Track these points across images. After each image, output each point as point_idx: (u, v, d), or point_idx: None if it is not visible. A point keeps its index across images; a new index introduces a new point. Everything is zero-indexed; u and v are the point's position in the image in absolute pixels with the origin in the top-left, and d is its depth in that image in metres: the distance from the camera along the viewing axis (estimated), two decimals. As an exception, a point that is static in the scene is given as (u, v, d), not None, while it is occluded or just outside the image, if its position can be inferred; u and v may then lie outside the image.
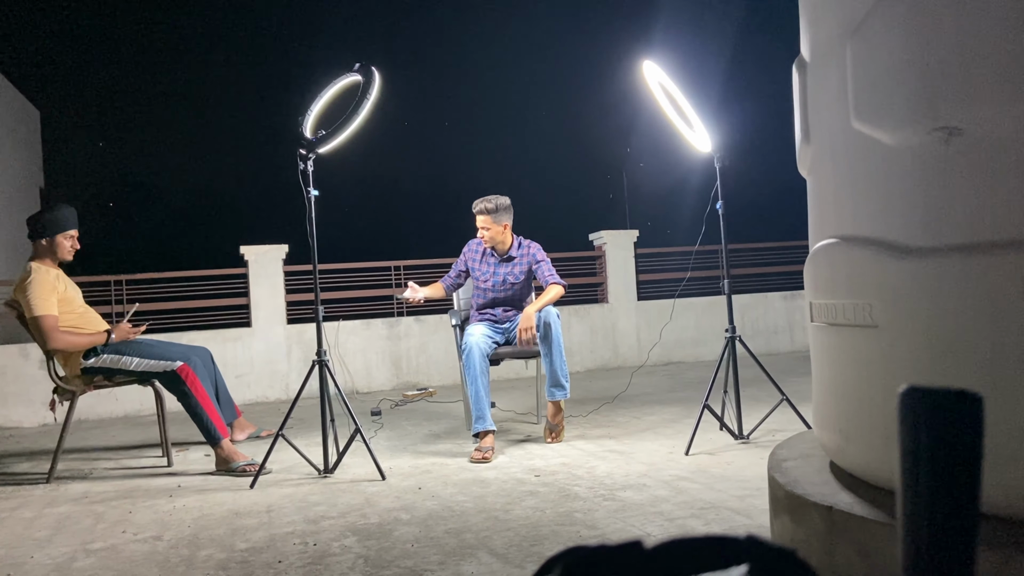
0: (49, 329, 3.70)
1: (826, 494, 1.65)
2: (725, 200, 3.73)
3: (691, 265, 4.72)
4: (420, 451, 3.98)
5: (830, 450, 1.85)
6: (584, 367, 7.40)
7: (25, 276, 3.79)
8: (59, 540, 2.72)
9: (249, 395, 6.49)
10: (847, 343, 1.73)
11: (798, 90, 1.98)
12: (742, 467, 3.20)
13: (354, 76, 3.65)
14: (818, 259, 1.87)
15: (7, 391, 6.05)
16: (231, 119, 20.58)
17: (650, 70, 3.61)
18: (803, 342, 8.04)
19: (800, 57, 2.01)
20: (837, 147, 1.77)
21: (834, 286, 1.77)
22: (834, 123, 1.77)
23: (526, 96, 20.63)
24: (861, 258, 1.66)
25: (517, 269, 4.24)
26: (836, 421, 1.79)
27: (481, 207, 4.17)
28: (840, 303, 1.74)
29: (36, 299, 3.71)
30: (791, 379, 4.99)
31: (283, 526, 2.73)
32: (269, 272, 6.84)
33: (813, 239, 1.96)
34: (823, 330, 1.86)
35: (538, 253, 4.25)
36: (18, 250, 11.43)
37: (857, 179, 1.70)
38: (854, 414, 1.72)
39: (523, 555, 2.27)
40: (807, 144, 1.94)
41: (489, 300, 4.27)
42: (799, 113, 1.98)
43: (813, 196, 1.96)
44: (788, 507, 1.70)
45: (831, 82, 1.78)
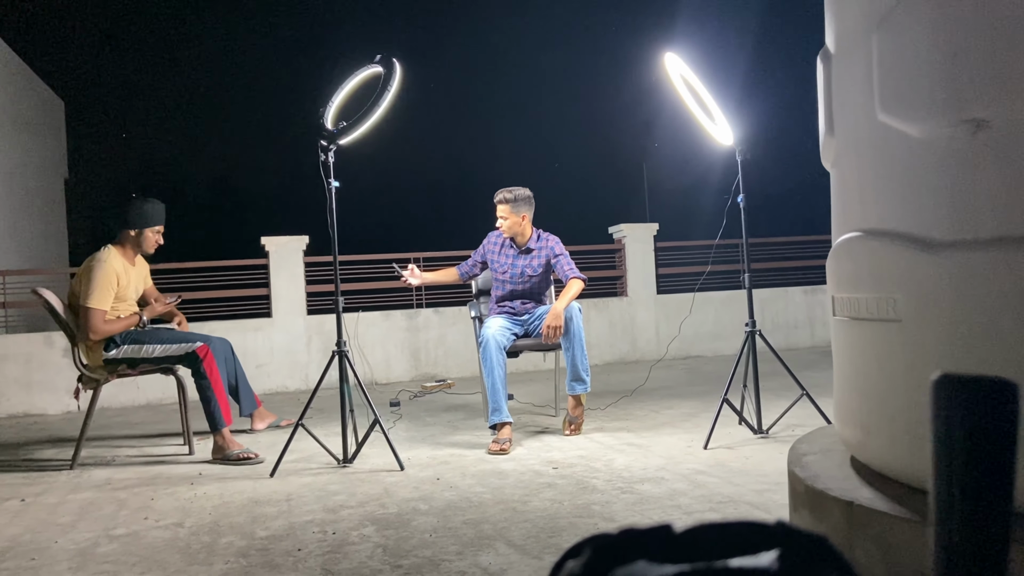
0: (94, 321, 3.78)
1: (847, 489, 1.64)
2: (746, 194, 3.70)
3: (711, 259, 4.69)
4: (438, 442, 4.00)
5: (851, 445, 1.84)
6: (602, 360, 7.39)
7: (95, 261, 3.86)
8: (82, 526, 2.76)
9: (269, 385, 6.54)
10: (870, 337, 1.71)
11: (822, 82, 1.96)
12: (761, 462, 3.19)
13: (375, 68, 3.65)
14: (841, 253, 1.85)
15: (32, 379, 6.14)
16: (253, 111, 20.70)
17: (672, 62, 3.59)
18: (823, 337, 7.98)
19: (824, 48, 1.99)
20: (862, 139, 1.75)
21: (857, 280, 1.75)
22: (859, 115, 1.75)
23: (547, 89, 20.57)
24: (885, 252, 1.64)
25: (535, 262, 4.23)
26: (858, 416, 1.78)
27: (500, 196, 4.17)
28: (863, 297, 1.72)
29: (95, 289, 3.79)
30: (811, 374, 4.96)
31: (302, 515, 2.75)
32: (289, 263, 6.89)
33: (836, 233, 1.94)
34: (845, 324, 1.84)
35: (556, 246, 4.24)
36: (45, 238, 11.58)
37: (882, 172, 1.68)
38: (876, 409, 1.70)
39: (541, 546, 2.27)
40: (831, 137, 1.92)
41: (507, 292, 4.27)
42: (823, 105, 1.96)
43: (837, 189, 1.94)
44: (808, 502, 1.70)
45: (856, 74, 1.76)
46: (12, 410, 6.08)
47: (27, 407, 6.12)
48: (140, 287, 4.12)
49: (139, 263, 4.12)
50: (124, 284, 3.93)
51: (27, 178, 11.20)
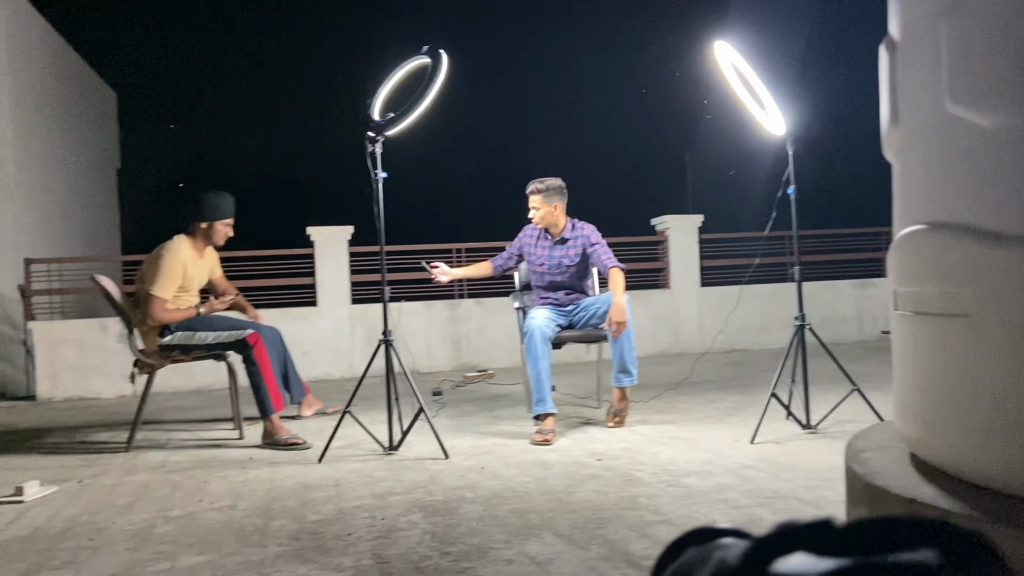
0: (155, 309, 3.87)
1: (907, 486, 1.61)
2: (796, 185, 3.64)
3: (760, 251, 4.62)
4: (481, 432, 4.02)
5: (911, 441, 1.80)
6: (644, 353, 7.35)
7: (164, 250, 3.96)
8: (139, 507, 2.83)
9: (314, 372, 6.63)
10: (934, 332, 1.68)
11: (886, 71, 1.91)
12: (810, 457, 3.15)
13: (422, 58, 3.67)
14: (904, 246, 1.81)
15: (87, 363, 6.31)
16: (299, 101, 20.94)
17: (722, 50, 3.54)
18: (872, 331, 7.83)
19: (888, 37, 1.94)
20: (928, 130, 1.71)
21: (922, 274, 1.71)
22: (925, 105, 1.71)
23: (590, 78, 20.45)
24: (952, 245, 1.60)
25: (572, 251, 4.20)
26: (919, 412, 1.74)
27: (532, 187, 4.16)
28: (928, 291, 1.68)
29: (160, 278, 3.88)
30: (860, 369, 4.87)
31: (351, 500, 2.79)
32: (334, 253, 6.96)
33: (899, 225, 1.90)
34: (908, 319, 1.80)
35: (592, 235, 4.19)
36: (96, 227, 11.88)
37: (949, 163, 1.63)
38: (939, 405, 1.66)
39: (588, 537, 2.27)
40: (895, 127, 1.87)
41: (547, 283, 4.25)
42: (887, 95, 1.91)
43: (900, 181, 1.90)
44: (867, 499, 1.67)
45: (923, 63, 1.72)
46: (68, 393, 6.25)
47: (82, 391, 6.29)
48: (205, 279, 4.22)
49: (208, 254, 4.21)
50: (190, 275, 4.02)
51: (82, 168, 11.49)
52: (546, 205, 4.13)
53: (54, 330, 6.35)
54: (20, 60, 9.33)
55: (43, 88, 10.14)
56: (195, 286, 4.11)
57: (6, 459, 3.84)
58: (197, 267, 4.10)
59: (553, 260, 4.21)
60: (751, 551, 0.36)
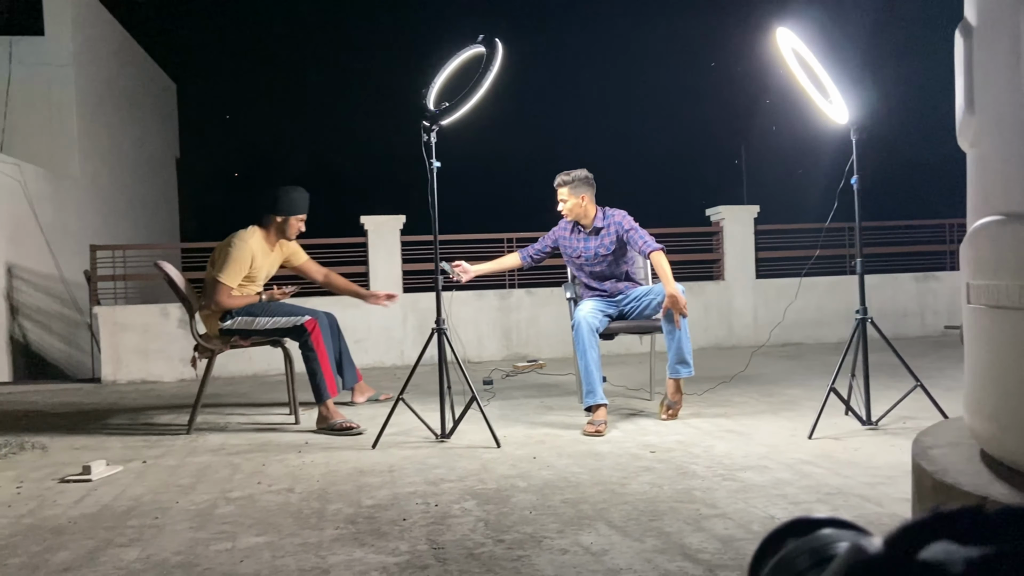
0: (219, 294, 3.98)
1: (979, 484, 1.56)
2: (859, 175, 3.54)
3: (820, 243, 4.52)
4: (533, 421, 4.02)
5: (982, 439, 1.74)
6: (696, 345, 7.23)
7: (236, 239, 4.08)
8: (201, 488, 2.91)
9: (366, 360, 6.71)
10: (1010, 327, 1.61)
11: (962, 57, 1.84)
12: (871, 454, 3.07)
13: (477, 48, 3.66)
14: (979, 238, 1.75)
15: (149, 348, 6.49)
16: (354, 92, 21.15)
17: (784, 37, 3.46)
18: (935, 326, 7.61)
19: (964, 21, 1.87)
20: (1007, 118, 1.64)
21: (997, 266, 1.65)
22: (1004, 92, 1.64)
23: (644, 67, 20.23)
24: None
25: (607, 240, 4.15)
26: (992, 408, 1.68)
27: (558, 180, 4.12)
28: (1004, 284, 1.62)
29: (228, 265, 4.00)
30: (922, 365, 4.74)
31: (405, 486, 2.82)
32: (387, 241, 7.03)
33: (973, 216, 1.83)
34: (982, 312, 1.74)
35: (625, 221, 4.13)
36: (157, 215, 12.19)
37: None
38: (1014, 402, 1.61)
39: (642, 529, 2.26)
40: (971, 114, 1.81)
41: (589, 275, 4.23)
42: (963, 82, 1.84)
43: (976, 170, 1.83)
44: (936, 496, 1.62)
45: (1002, 48, 1.65)
46: (130, 376, 6.44)
47: (144, 374, 6.48)
48: (274, 270, 4.32)
49: (283, 247, 4.30)
50: (257, 266, 4.11)
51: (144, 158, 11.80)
52: (573, 196, 4.10)
53: (117, 315, 6.55)
54: (85, 53, 9.61)
55: (107, 80, 10.43)
56: (262, 276, 4.20)
57: (74, 439, 3.97)
58: (266, 259, 4.19)
59: (589, 251, 4.18)
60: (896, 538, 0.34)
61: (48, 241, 7.74)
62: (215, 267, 4.03)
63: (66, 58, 9.10)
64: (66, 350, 7.79)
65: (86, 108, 9.51)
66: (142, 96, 11.95)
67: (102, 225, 9.60)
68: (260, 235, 4.16)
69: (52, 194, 8.23)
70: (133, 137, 11.32)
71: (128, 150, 11.04)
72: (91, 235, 8.62)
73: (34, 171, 7.77)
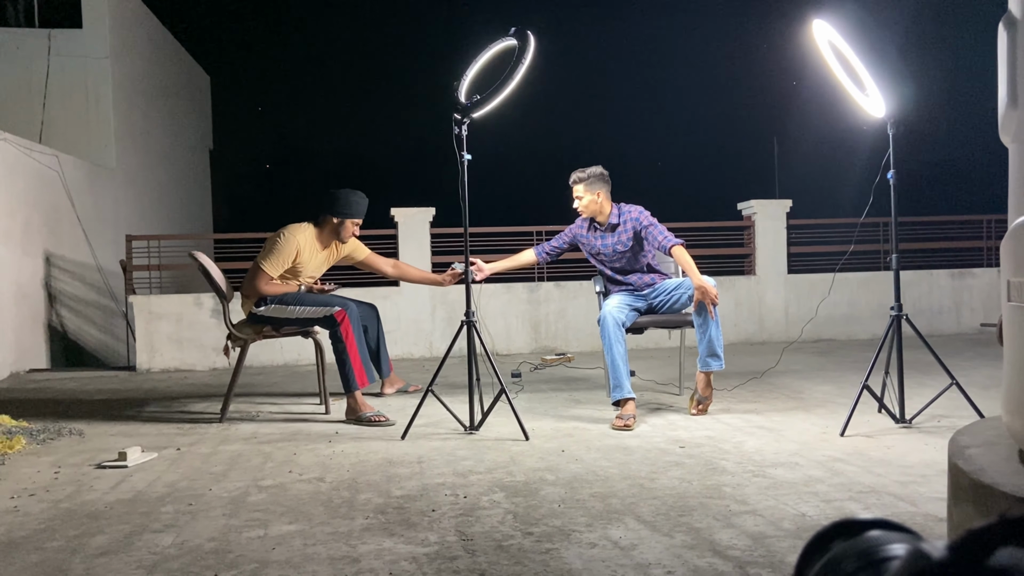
0: (258, 280, 4.05)
1: (1019, 485, 1.53)
2: (896, 170, 3.49)
3: (855, 238, 4.46)
4: (561, 415, 4.02)
5: (1021, 438, 1.71)
6: (727, 340, 7.14)
7: (286, 230, 4.15)
8: (233, 475, 2.95)
9: (396, 351, 6.75)
10: (1052, 325, 1.58)
11: (1006, 50, 1.80)
12: (904, 452, 3.03)
13: (509, 40, 3.66)
14: (1021, 234, 1.71)
15: (182, 336, 6.59)
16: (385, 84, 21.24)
17: (820, 29, 3.41)
18: (971, 324, 7.48)
19: (1008, 14, 1.82)
20: (1051, 111, 1.61)
21: (1039, 263, 1.62)
22: (1049, 84, 1.61)
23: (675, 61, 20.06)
24: (1075, 233, 1.51)
25: (624, 236, 4.13)
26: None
27: (574, 177, 4.10)
28: (1046, 282, 1.59)
29: (272, 255, 4.08)
30: (957, 362, 4.66)
31: (434, 477, 2.84)
32: (417, 234, 7.06)
33: (1015, 212, 1.80)
34: (1022, 311, 1.71)
35: (642, 216, 4.10)
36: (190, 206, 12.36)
37: (1075, 146, 1.53)
38: (1055, 403, 1.57)
39: (671, 524, 2.25)
40: (1014, 109, 1.77)
41: (611, 272, 4.21)
42: (1006, 75, 1.80)
43: (1018, 166, 1.79)
44: (974, 496, 1.59)
45: (1047, 39, 1.61)
46: (164, 365, 6.55)
47: (178, 363, 6.58)
48: (322, 270, 4.38)
49: (340, 247, 4.35)
50: (303, 261, 4.16)
51: (178, 149, 11.96)
52: (589, 193, 4.08)
53: (152, 304, 6.65)
54: (122, 46, 9.75)
55: (143, 72, 10.58)
56: (307, 272, 4.23)
57: (110, 425, 4.05)
58: (314, 257, 4.23)
59: (608, 248, 4.16)
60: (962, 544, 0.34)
61: (85, 231, 7.88)
62: (261, 253, 4.10)
63: (104, 51, 9.24)
64: (102, 338, 7.94)
65: (123, 100, 9.66)
66: (177, 88, 12.10)
67: (137, 215, 9.75)
68: (311, 232, 4.21)
69: (89, 185, 8.38)
70: (168, 129, 11.48)
71: (163, 141, 11.20)
72: (127, 225, 8.77)
73: (72, 162, 7.91)
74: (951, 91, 12.72)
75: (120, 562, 2.06)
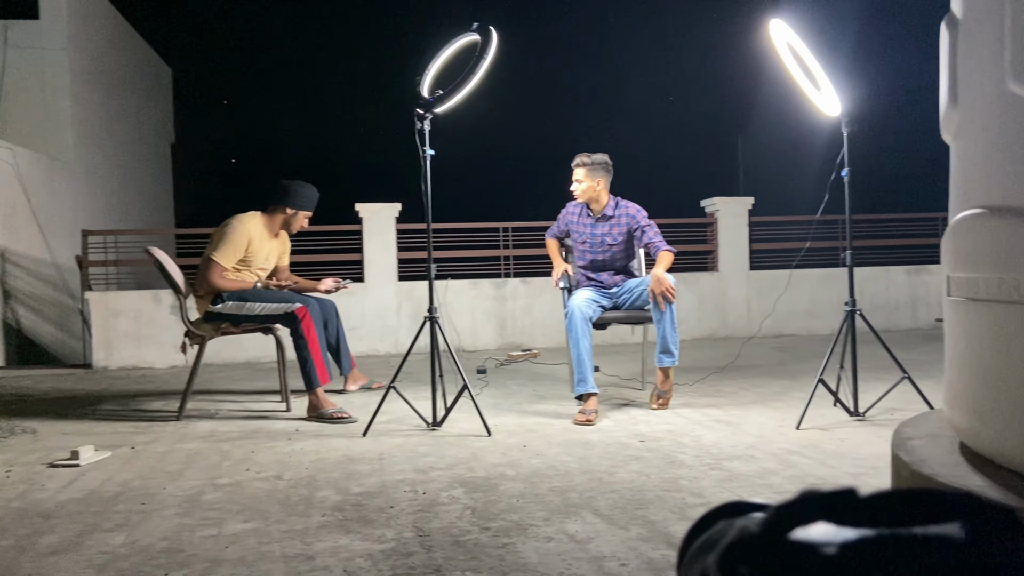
0: (212, 274, 4.00)
1: (957, 476, 1.57)
2: (851, 168, 3.55)
3: (811, 235, 4.54)
4: (524, 410, 4.03)
5: (961, 431, 1.76)
6: (691, 336, 7.29)
7: (235, 220, 4.11)
8: (189, 474, 2.92)
9: (360, 348, 6.72)
10: (989, 319, 1.63)
11: (946, 50, 1.84)
12: (857, 444, 3.09)
13: (472, 36, 3.65)
14: (960, 230, 1.75)
15: (141, 334, 6.49)
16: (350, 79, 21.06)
17: (777, 29, 3.46)
18: (926, 319, 7.64)
19: (950, 14, 1.87)
20: (989, 110, 1.65)
21: (977, 259, 1.66)
22: (987, 85, 1.65)
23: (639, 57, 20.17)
24: (1010, 230, 1.55)
25: (615, 230, 4.16)
26: (971, 401, 1.70)
27: (578, 160, 4.13)
28: (983, 277, 1.63)
29: (223, 245, 4.03)
30: (912, 357, 4.76)
31: (394, 473, 2.83)
32: (382, 229, 7.03)
33: (955, 209, 1.84)
34: (962, 305, 1.75)
35: (640, 216, 4.16)
36: (151, 201, 12.16)
37: (1010, 145, 1.57)
38: (992, 394, 1.62)
39: (628, 518, 2.27)
40: (954, 107, 1.81)
41: (589, 262, 4.23)
42: (946, 74, 1.85)
43: (958, 163, 1.84)
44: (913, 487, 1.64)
45: (985, 41, 1.65)
46: (123, 363, 6.45)
47: (136, 360, 6.48)
48: (272, 260, 4.32)
49: (282, 238, 4.33)
50: (254, 250, 4.12)
51: (138, 143, 11.75)
52: (589, 179, 4.11)
53: (110, 300, 6.54)
54: (80, 37, 9.55)
55: (102, 64, 10.37)
56: (258, 262, 4.19)
57: (63, 424, 3.98)
58: (264, 245, 4.19)
59: (595, 237, 4.18)
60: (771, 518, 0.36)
61: (41, 226, 7.72)
62: (210, 246, 4.05)
63: (61, 42, 9.05)
64: (58, 335, 7.79)
65: (80, 93, 9.47)
66: (137, 81, 11.89)
67: (95, 210, 9.57)
68: (260, 221, 4.17)
69: (45, 179, 8.20)
70: (127, 122, 11.28)
71: (122, 135, 10.99)
72: (84, 220, 8.60)
73: (27, 155, 7.74)
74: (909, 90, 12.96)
75: (70, 561, 2.03)
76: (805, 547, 0.34)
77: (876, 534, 0.34)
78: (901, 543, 0.34)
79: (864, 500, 0.36)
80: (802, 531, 0.35)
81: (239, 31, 20.83)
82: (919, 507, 0.36)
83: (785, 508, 0.36)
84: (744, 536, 0.36)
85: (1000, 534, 0.34)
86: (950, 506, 0.36)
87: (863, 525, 0.35)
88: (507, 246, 7.28)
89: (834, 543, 0.34)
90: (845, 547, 0.34)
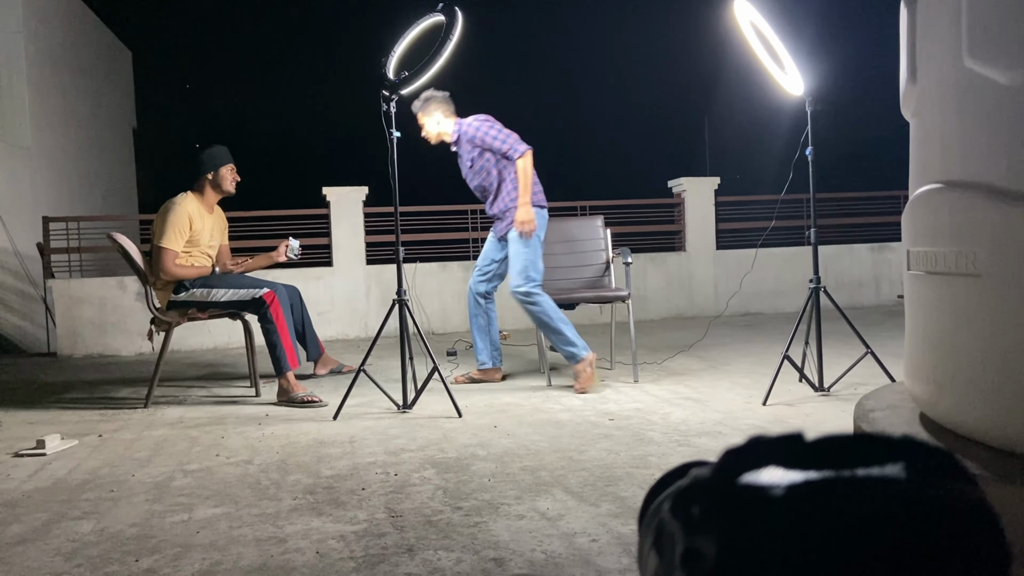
0: (165, 261, 3.96)
1: (915, 446, 1.61)
2: (814, 147, 3.60)
3: (776, 214, 4.59)
4: (494, 391, 4.05)
5: (921, 401, 1.80)
6: (659, 316, 7.35)
7: (170, 204, 4.07)
8: (158, 461, 2.89)
9: (330, 332, 6.69)
10: (946, 292, 1.67)
11: (905, 27, 1.87)
12: (822, 419, 3.16)
13: (437, 16, 3.63)
14: (919, 205, 1.79)
15: (106, 321, 6.39)
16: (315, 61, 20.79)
17: (741, 8, 3.48)
18: (889, 296, 7.79)
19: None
20: (946, 87, 1.68)
21: (935, 233, 1.70)
22: (944, 61, 1.68)
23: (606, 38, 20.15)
24: (967, 204, 1.59)
25: (465, 150, 4.11)
26: (930, 372, 1.74)
27: (412, 107, 4.09)
28: (941, 251, 1.67)
29: (167, 230, 3.99)
30: (876, 333, 4.85)
31: (365, 456, 2.83)
32: (350, 213, 6.97)
33: (914, 185, 1.88)
34: (920, 279, 1.79)
35: (479, 133, 4.02)
36: (114, 186, 11.93)
37: (967, 120, 1.61)
38: (950, 365, 1.66)
39: (598, 494, 2.30)
40: (913, 84, 1.84)
41: (476, 191, 4.22)
42: (905, 51, 1.88)
43: (917, 139, 1.87)
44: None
45: (943, 18, 1.68)
46: (88, 351, 6.35)
47: (102, 348, 6.38)
48: (217, 235, 4.27)
49: (218, 215, 4.28)
50: (198, 228, 4.07)
51: (98, 127, 11.50)
52: (426, 118, 4.09)
53: (73, 288, 6.43)
54: (36, 19, 9.31)
55: (59, 47, 10.12)
56: (205, 240, 4.16)
57: (28, 413, 3.92)
58: (205, 221, 4.16)
59: (465, 167, 4.17)
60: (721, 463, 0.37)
61: (0, 213, 7.54)
62: (155, 236, 4.01)
63: (16, 24, 8.80)
64: (20, 324, 7.64)
65: (38, 76, 9.23)
66: (96, 64, 11.62)
67: (56, 196, 9.37)
68: (193, 199, 4.15)
69: (3, 165, 8.01)
70: (87, 106, 11.03)
71: (83, 120, 10.76)
72: (45, 207, 8.41)
73: (-17, 141, 7.54)
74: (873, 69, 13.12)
75: (37, 550, 2.01)
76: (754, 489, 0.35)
77: (822, 476, 0.36)
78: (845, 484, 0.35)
79: (811, 444, 0.38)
80: (752, 474, 0.37)
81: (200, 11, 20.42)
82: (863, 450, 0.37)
83: (735, 452, 0.38)
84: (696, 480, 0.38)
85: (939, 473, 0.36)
86: (892, 449, 0.37)
87: (810, 468, 0.36)
88: (475, 228, 7.27)
89: (782, 485, 0.35)
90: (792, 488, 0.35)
